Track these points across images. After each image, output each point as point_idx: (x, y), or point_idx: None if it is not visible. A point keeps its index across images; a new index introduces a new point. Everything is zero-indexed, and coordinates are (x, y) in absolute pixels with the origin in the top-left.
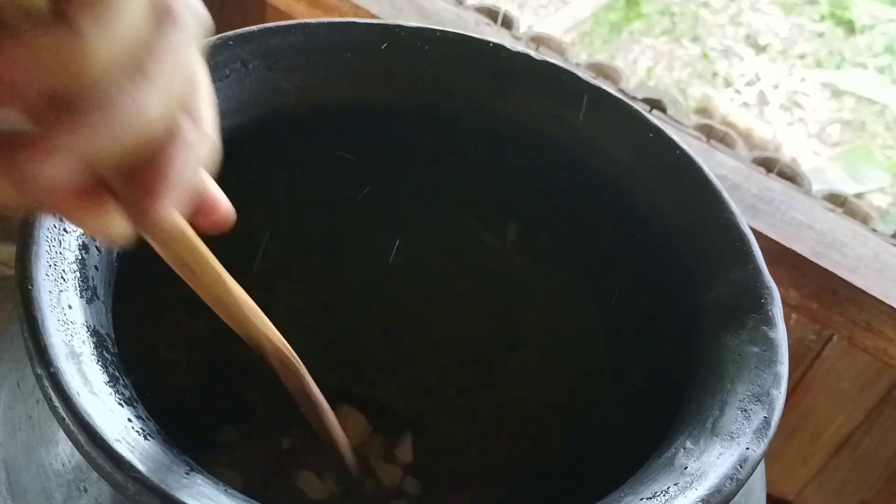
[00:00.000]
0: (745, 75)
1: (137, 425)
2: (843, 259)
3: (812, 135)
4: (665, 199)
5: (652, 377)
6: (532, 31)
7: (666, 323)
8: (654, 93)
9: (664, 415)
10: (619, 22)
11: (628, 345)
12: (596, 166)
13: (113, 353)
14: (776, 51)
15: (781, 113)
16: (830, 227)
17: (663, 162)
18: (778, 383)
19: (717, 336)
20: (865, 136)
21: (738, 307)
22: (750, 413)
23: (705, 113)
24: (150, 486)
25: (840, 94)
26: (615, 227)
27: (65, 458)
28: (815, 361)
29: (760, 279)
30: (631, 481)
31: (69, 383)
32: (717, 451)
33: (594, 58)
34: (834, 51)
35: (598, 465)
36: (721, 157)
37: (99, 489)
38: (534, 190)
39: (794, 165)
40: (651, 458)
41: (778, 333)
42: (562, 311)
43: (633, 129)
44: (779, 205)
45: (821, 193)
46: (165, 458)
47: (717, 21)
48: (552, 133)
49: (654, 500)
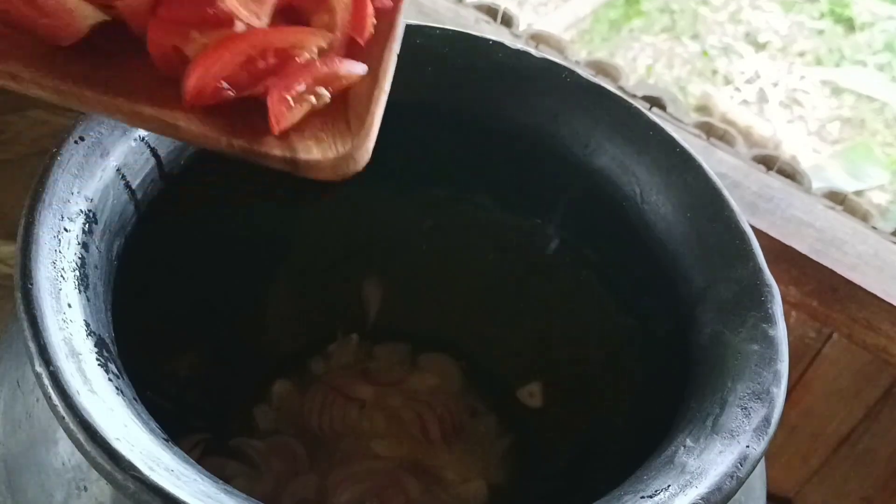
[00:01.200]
0: (745, 73)
1: (137, 424)
2: (843, 257)
3: (812, 132)
4: (665, 196)
5: (652, 375)
6: (532, 29)
7: (666, 320)
8: (653, 90)
9: (664, 413)
10: (619, 19)
11: (628, 342)
12: (595, 164)
13: (113, 352)
14: (776, 48)
15: (781, 110)
16: (830, 224)
17: (663, 160)
18: (778, 381)
19: (718, 334)
20: (865, 133)
21: (738, 305)
22: (750, 411)
23: (705, 111)
24: (150, 484)
25: (840, 91)
26: (614, 224)
27: (65, 456)
28: (815, 359)
29: (760, 277)
30: (631, 479)
31: (69, 382)
32: (718, 449)
33: (594, 55)
34: (833, 48)
35: (598, 463)
36: (721, 154)
37: (99, 488)
38: (532, 187)
39: (793, 163)
40: (651, 456)
41: (778, 331)
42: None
43: (633, 127)
44: (779, 202)
45: (821, 191)
46: (165, 456)
47: (716, 18)
48: (551, 131)
49: (654, 499)
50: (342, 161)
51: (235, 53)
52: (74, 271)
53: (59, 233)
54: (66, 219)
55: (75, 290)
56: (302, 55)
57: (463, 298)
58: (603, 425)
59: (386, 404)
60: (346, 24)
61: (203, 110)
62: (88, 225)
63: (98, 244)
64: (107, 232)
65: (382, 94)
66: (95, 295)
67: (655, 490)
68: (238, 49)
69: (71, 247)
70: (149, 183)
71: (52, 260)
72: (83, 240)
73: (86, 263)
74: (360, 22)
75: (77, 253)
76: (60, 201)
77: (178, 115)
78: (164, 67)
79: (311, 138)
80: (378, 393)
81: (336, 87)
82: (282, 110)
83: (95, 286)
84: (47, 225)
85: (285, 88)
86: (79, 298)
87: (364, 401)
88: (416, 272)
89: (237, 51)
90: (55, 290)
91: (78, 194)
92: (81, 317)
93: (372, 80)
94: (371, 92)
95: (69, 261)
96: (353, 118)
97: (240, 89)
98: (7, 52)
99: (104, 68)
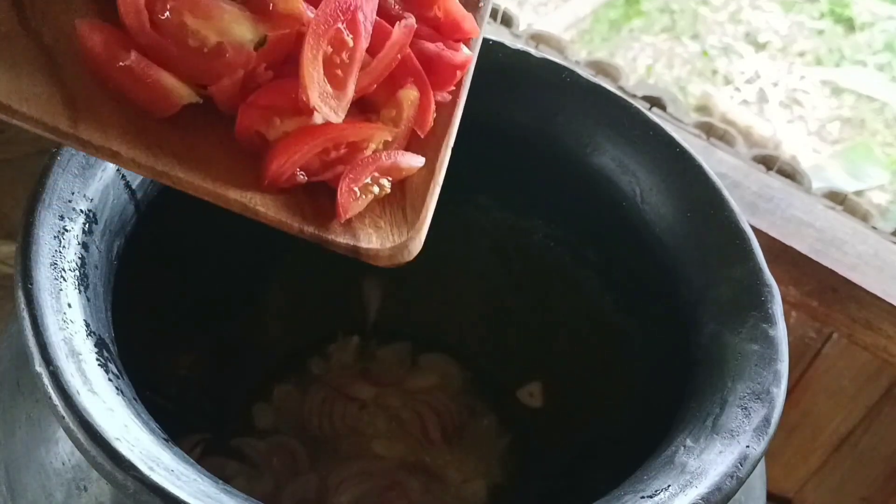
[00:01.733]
0: (745, 73)
1: (137, 424)
2: (843, 257)
3: (812, 132)
4: (664, 196)
5: (652, 375)
6: (532, 29)
7: (666, 320)
8: (653, 90)
9: (664, 413)
10: (619, 19)
11: (628, 342)
12: (594, 164)
13: (113, 352)
14: (776, 48)
15: (781, 110)
16: (830, 224)
17: (663, 160)
18: (778, 381)
19: (718, 334)
20: (865, 133)
21: (738, 305)
22: (750, 411)
23: (705, 111)
24: (150, 484)
25: (840, 91)
26: (614, 224)
27: (65, 456)
28: (814, 359)
29: (760, 277)
30: (631, 479)
31: (69, 382)
32: (718, 449)
33: (594, 56)
34: (833, 48)
35: (598, 463)
36: (721, 154)
37: (99, 488)
38: (531, 186)
39: (793, 163)
40: (651, 456)
41: (778, 331)
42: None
43: (633, 127)
44: (779, 202)
45: (820, 191)
46: (165, 456)
47: (716, 18)
48: (551, 131)
49: (654, 499)
50: (398, 250)
51: (313, 146)
52: (74, 271)
53: (59, 233)
54: (66, 219)
55: (75, 290)
56: (369, 147)
57: (463, 298)
58: (603, 425)
59: (386, 404)
60: (410, 119)
61: (277, 191)
62: (88, 225)
63: (98, 244)
64: (107, 232)
65: (437, 186)
66: (95, 295)
67: (655, 490)
68: (316, 142)
69: (71, 247)
70: (149, 183)
71: (52, 260)
72: (83, 240)
73: (86, 263)
74: (423, 117)
75: (77, 253)
76: (60, 201)
77: (257, 201)
78: (246, 145)
79: (372, 226)
80: (378, 393)
81: (397, 177)
82: (349, 200)
83: (95, 286)
84: (47, 225)
85: (353, 181)
86: (79, 298)
87: (364, 401)
88: (416, 272)
89: (315, 144)
90: (55, 290)
91: (78, 194)
92: (81, 317)
93: (429, 172)
94: (427, 183)
95: (69, 261)
96: (409, 208)
97: (311, 175)
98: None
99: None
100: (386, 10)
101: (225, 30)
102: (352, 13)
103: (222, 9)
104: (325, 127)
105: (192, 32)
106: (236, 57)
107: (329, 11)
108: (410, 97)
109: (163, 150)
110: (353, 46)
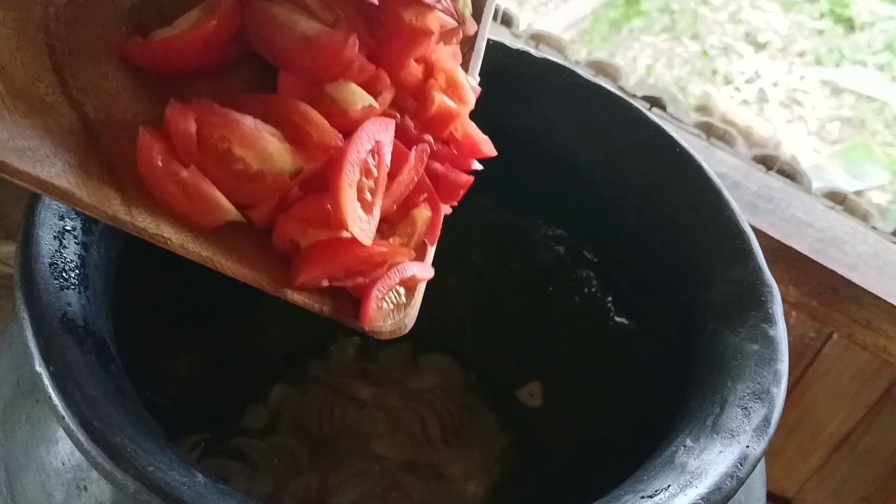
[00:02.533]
0: (745, 73)
1: (137, 424)
2: (843, 256)
3: (812, 132)
4: (665, 197)
5: (652, 375)
6: (532, 29)
7: (666, 320)
8: (653, 90)
9: (664, 413)
10: (619, 19)
11: (628, 342)
12: (594, 164)
13: (113, 352)
14: (776, 48)
15: (781, 110)
16: (830, 224)
17: (663, 160)
18: (778, 381)
19: (717, 334)
20: (865, 133)
21: (739, 305)
22: (750, 411)
23: (705, 111)
24: (150, 484)
25: (840, 91)
26: (614, 224)
27: (65, 456)
28: (814, 359)
29: (760, 277)
30: (631, 479)
31: (69, 382)
32: (718, 448)
33: (594, 55)
34: (833, 48)
35: (598, 463)
36: (721, 154)
37: (99, 488)
38: (531, 186)
39: (793, 163)
40: (651, 455)
41: (778, 331)
42: (561, 310)
43: (633, 126)
44: (779, 202)
45: (820, 191)
46: (165, 456)
47: (716, 18)
48: (551, 131)
49: (654, 499)
50: (397, 327)
51: (343, 264)
52: (74, 272)
53: (59, 233)
54: (66, 219)
55: (75, 290)
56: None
57: (463, 298)
58: (602, 425)
59: (386, 404)
60: (421, 235)
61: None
62: (88, 225)
63: (98, 244)
64: (107, 232)
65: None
66: (95, 295)
67: (655, 490)
68: (346, 261)
69: (71, 247)
70: None
71: (51, 260)
72: (83, 240)
73: (86, 263)
74: (433, 231)
75: (77, 253)
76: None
77: (286, 293)
78: (279, 249)
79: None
80: (378, 393)
81: (412, 287)
82: (375, 311)
83: (95, 286)
84: (47, 225)
85: (380, 298)
86: (78, 298)
87: (364, 401)
88: None
89: (345, 262)
90: (55, 290)
91: None
92: (81, 317)
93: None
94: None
95: (69, 261)
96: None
97: (334, 282)
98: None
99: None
100: (404, 132)
101: (267, 160)
102: (378, 143)
103: (266, 140)
104: (355, 246)
105: (236, 159)
106: (274, 182)
107: (359, 143)
108: (424, 216)
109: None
110: (377, 175)
